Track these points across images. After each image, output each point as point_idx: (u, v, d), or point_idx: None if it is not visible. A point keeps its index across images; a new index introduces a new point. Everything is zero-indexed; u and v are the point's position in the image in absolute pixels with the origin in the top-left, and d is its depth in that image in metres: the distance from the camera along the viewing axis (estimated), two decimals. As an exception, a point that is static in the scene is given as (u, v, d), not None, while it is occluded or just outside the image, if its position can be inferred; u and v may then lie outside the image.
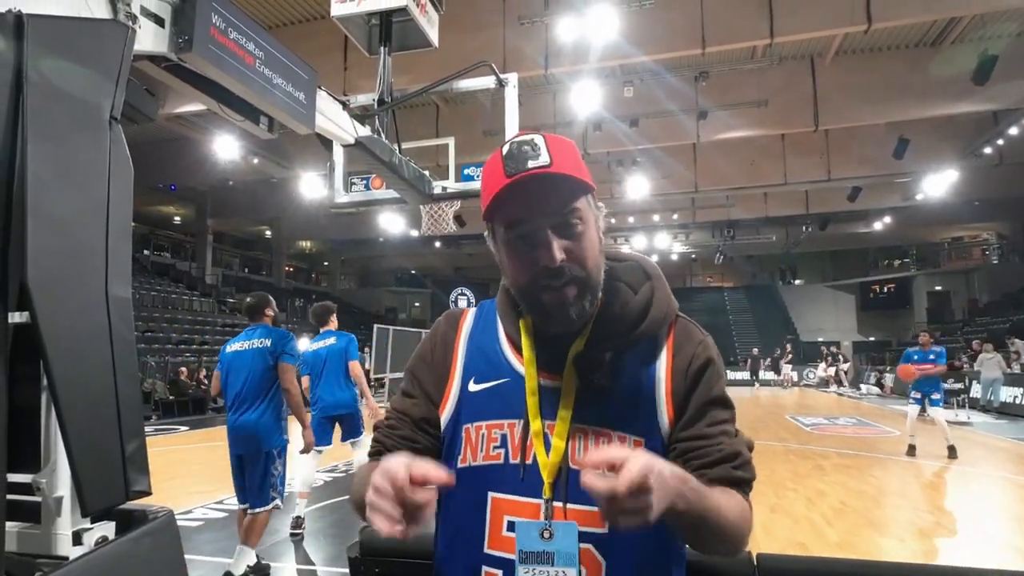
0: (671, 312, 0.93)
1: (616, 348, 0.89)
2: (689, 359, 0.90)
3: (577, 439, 0.86)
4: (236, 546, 3.82)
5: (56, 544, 1.70)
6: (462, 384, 0.96)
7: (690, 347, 0.91)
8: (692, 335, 0.93)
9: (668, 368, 0.89)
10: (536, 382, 0.89)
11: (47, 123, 1.73)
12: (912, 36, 11.83)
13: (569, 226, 0.84)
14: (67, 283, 1.72)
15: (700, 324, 0.98)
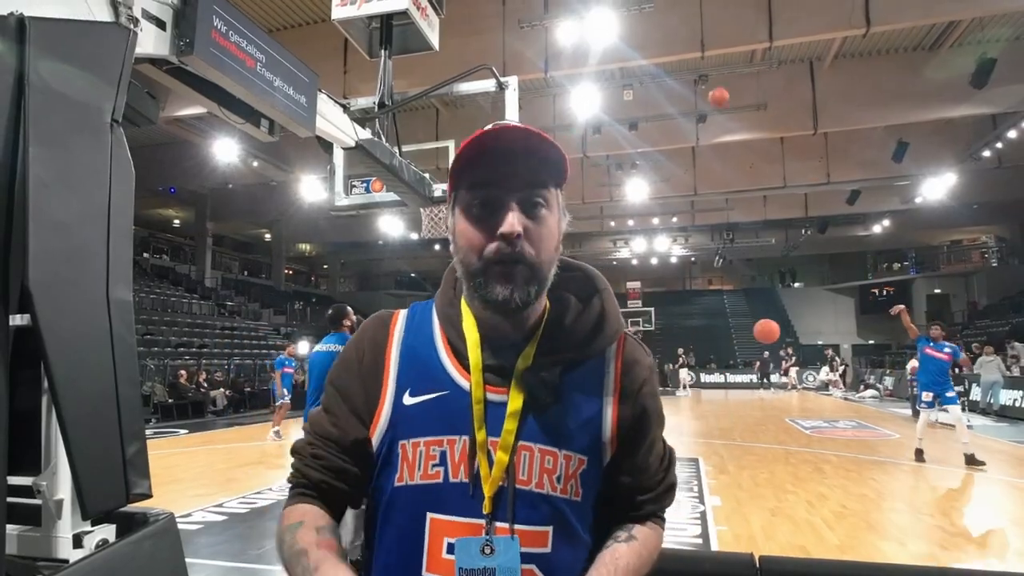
0: (620, 329, 0.92)
1: (565, 363, 0.86)
2: (639, 382, 0.89)
3: (522, 456, 0.82)
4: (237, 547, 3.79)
5: (56, 547, 1.70)
6: (395, 396, 0.87)
7: (639, 369, 0.90)
8: (640, 356, 0.92)
9: (616, 389, 0.88)
10: (482, 391, 0.84)
11: (49, 126, 1.73)
12: (911, 40, 11.86)
13: (533, 205, 0.81)
14: (68, 286, 1.72)
15: (700, 327, 0.99)
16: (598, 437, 0.85)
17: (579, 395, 0.86)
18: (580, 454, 0.84)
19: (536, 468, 0.82)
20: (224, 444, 10.25)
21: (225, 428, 12.63)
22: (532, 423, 0.83)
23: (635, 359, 0.91)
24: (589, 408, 0.86)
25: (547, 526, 0.81)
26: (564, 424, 0.84)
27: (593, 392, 0.87)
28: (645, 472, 0.90)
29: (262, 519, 5.22)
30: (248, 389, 16.78)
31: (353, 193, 4.78)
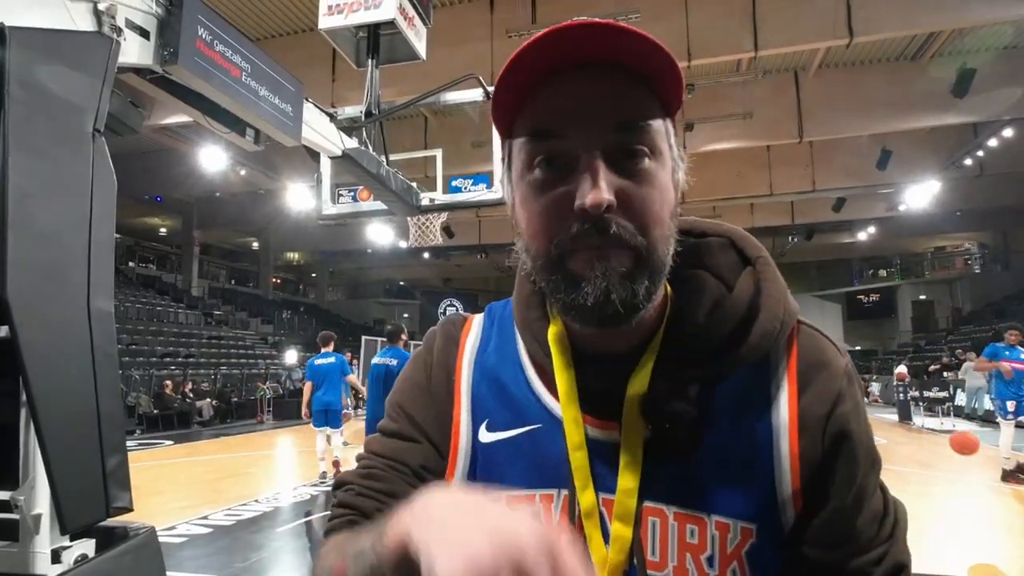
0: (789, 319, 0.58)
1: (703, 380, 0.56)
2: (829, 399, 0.55)
3: (649, 524, 0.55)
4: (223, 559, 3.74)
5: (34, 563, 1.67)
6: (471, 431, 0.63)
7: (827, 378, 0.56)
8: (828, 356, 0.58)
9: (793, 413, 0.55)
10: (583, 431, 0.57)
11: (29, 135, 1.72)
12: (893, 50, 12.05)
13: (631, 155, 0.51)
14: (48, 297, 1.70)
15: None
16: (770, 492, 0.54)
17: (731, 429, 0.55)
18: (743, 521, 0.54)
19: (673, 544, 0.55)
20: (210, 455, 10.13)
21: (211, 439, 12.50)
22: (662, 476, 0.55)
23: (819, 361, 0.57)
24: (750, 448, 0.55)
25: None
26: (712, 476, 0.55)
27: (754, 422, 0.55)
28: (852, 542, 0.55)
29: (247, 531, 5.17)
30: (235, 399, 16.62)
31: (340, 202, 4.77)
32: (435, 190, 4.80)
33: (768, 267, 0.60)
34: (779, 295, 0.58)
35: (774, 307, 0.57)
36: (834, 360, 0.58)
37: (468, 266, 30.02)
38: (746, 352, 0.56)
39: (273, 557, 4.54)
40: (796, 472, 0.54)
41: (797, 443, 0.54)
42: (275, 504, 6.20)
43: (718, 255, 0.62)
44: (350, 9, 3.98)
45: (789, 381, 0.56)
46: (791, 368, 0.57)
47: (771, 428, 0.55)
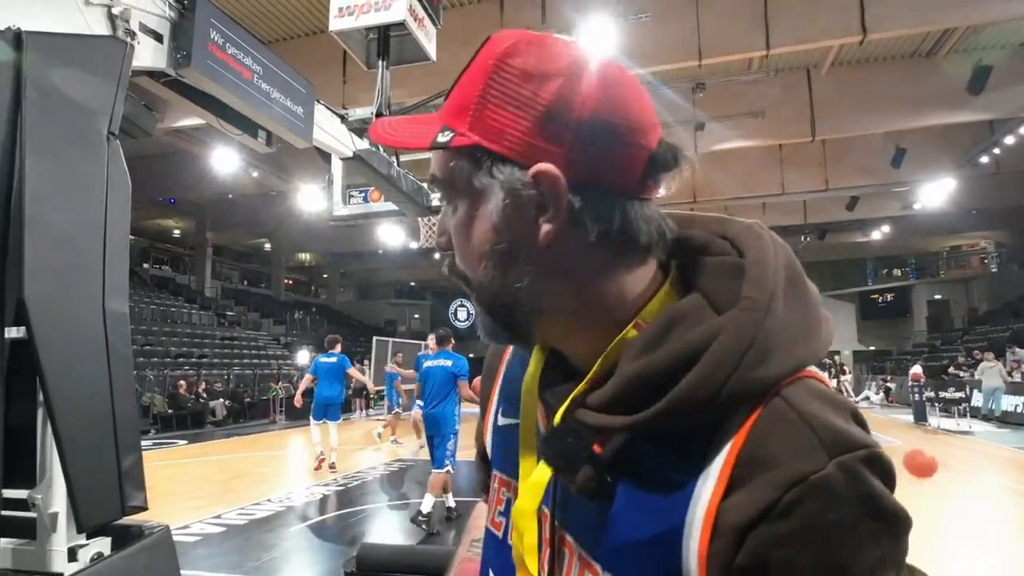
0: (752, 383, 0.45)
1: (624, 432, 0.48)
2: (755, 512, 0.43)
3: (564, 554, 0.53)
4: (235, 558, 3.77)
5: (51, 560, 1.69)
6: (495, 414, 0.68)
7: (764, 483, 0.43)
8: (777, 453, 0.43)
9: (711, 509, 0.44)
10: (535, 430, 0.57)
11: (45, 138, 1.74)
12: (907, 47, 11.93)
13: (448, 199, 0.54)
14: (64, 298, 1.72)
15: None
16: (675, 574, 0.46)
17: (646, 488, 0.48)
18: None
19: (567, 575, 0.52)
20: (223, 455, 10.22)
21: (224, 439, 12.60)
22: (577, 509, 0.52)
23: (765, 456, 0.44)
24: (658, 520, 0.47)
25: None
26: (616, 534, 0.49)
27: (671, 491, 0.47)
28: None
29: (260, 530, 5.20)
30: (248, 399, 16.75)
31: (351, 203, 4.79)
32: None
33: (751, 312, 0.47)
34: (736, 356, 0.45)
35: (716, 371, 0.45)
36: (790, 462, 0.42)
37: (479, 267, 29.98)
38: (654, 417, 0.46)
39: (286, 556, 4.56)
40: (702, 569, 0.44)
41: (707, 545, 0.44)
42: (287, 504, 6.24)
43: (723, 278, 0.51)
44: (360, 11, 4.00)
45: (723, 468, 0.44)
46: (732, 451, 0.44)
47: (686, 513, 0.45)
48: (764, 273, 0.49)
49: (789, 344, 0.47)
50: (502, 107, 0.48)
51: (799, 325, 0.48)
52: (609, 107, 0.48)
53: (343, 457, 8.97)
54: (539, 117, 0.47)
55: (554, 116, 0.47)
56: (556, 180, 0.47)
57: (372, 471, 8.15)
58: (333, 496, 6.66)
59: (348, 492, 6.87)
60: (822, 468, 0.42)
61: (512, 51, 0.49)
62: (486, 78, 0.49)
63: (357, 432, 13.77)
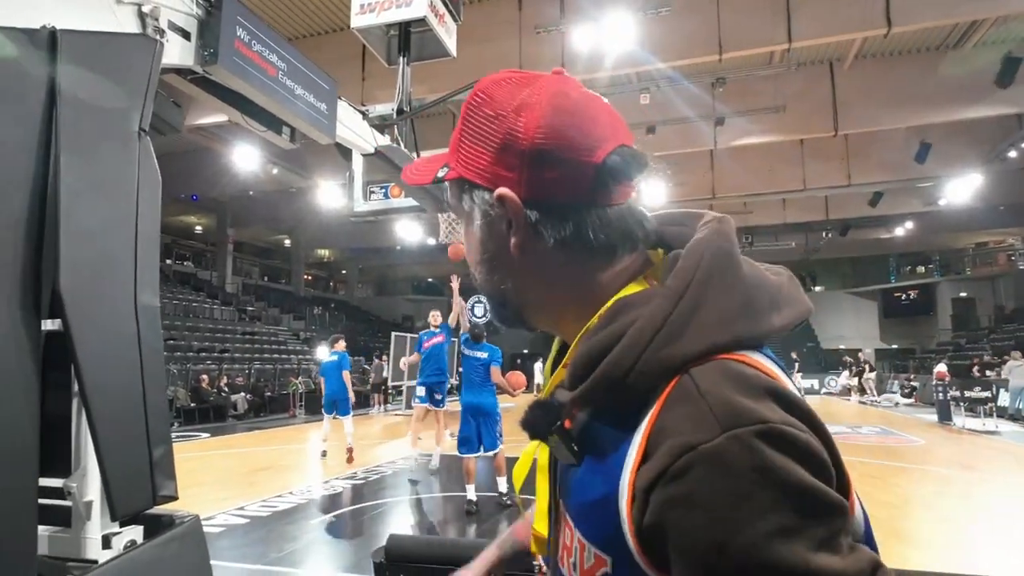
0: (661, 362, 0.50)
1: (591, 401, 0.55)
2: (652, 476, 0.47)
3: (559, 515, 0.62)
4: (259, 549, 3.82)
5: (86, 547, 1.73)
6: None
7: (664, 452, 0.47)
8: (675, 426, 0.48)
9: (631, 476, 0.49)
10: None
11: (79, 135, 1.77)
12: (933, 39, 11.70)
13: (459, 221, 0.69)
14: (97, 292, 1.76)
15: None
16: (617, 533, 0.50)
17: (598, 457, 0.54)
18: (596, 547, 0.53)
19: (562, 539, 0.61)
20: (244, 448, 10.36)
21: (246, 432, 12.77)
22: (564, 477, 0.60)
23: (666, 428, 0.48)
24: (604, 483, 0.52)
25: None
26: (580, 496, 0.56)
27: (613, 460, 0.52)
28: None
29: (282, 522, 5.27)
30: (268, 394, 16.95)
31: (372, 199, 4.82)
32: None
33: (667, 297, 0.52)
34: (647, 336, 0.51)
35: (629, 350, 0.51)
36: (685, 433, 0.46)
37: (496, 263, 30.01)
38: (587, 393, 0.53)
39: (308, 548, 4.62)
40: (632, 534, 0.49)
41: (629, 507, 0.49)
42: (309, 497, 6.31)
43: (667, 273, 0.57)
44: (382, 8, 4.02)
45: (641, 439, 0.49)
46: (649, 424, 0.49)
47: (619, 479, 0.50)
48: (686, 264, 0.55)
49: (702, 327, 0.51)
50: (473, 143, 0.60)
51: (717, 311, 0.52)
52: (548, 135, 0.57)
53: (362, 451, 9.05)
54: (497, 149, 0.59)
55: (507, 147, 0.58)
56: (512, 200, 0.58)
57: (391, 465, 8.22)
58: (353, 490, 6.72)
59: (368, 486, 6.93)
60: (713, 439, 0.45)
61: (481, 94, 0.61)
62: (463, 119, 0.62)
63: (375, 427, 13.88)
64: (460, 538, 3.94)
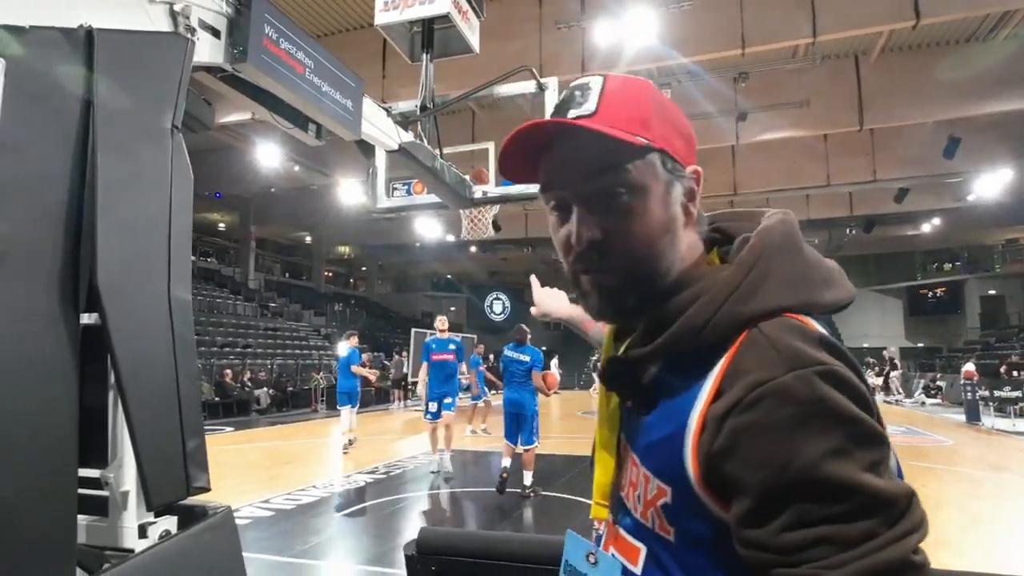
0: (726, 321, 0.61)
1: (665, 355, 0.66)
2: (727, 406, 0.57)
3: (624, 459, 0.72)
4: (285, 542, 3.88)
5: (123, 537, 1.76)
6: None
7: (740, 387, 0.57)
8: (751, 367, 0.58)
9: (703, 411, 0.60)
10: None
11: (114, 132, 1.80)
12: (962, 31, 11.44)
13: (611, 198, 0.66)
14: (133, 286, 1.79)
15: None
16: (681, 471, 0.60)
17: (667, 401, 0.64)
18: (659, 479, 0.63)
19: (628, 478, 0.70)
20: (268, 442, 10.49)
21: (268, 426, 12.93)
22: (631, 423, 0.71)
23: (741, 369, 0.58)
24: (671, 422, 0.62)
25: (640, 543, 0.67)
26: (647, 437, 0.66)
27: (680, 406, 0.62)
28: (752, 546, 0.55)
29: (308, 515, 5.34)
30: (290, 388, 17.15)
31: (394, 195, 4.84)
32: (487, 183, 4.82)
33: (739, 266, 0.64)
34: (722, 296, 0.62)
35: (707, 307, 0.62)
36: (755, 371, 0.57)
37: (514, 260, 30.04)
38: (668, 343, 0.64)
39: (332, 541, 4.67)
40: (695, 463, 0.59)
41: (697, 438, 0.59)
42: (332, 490, 6.38)
43: (735, 254, 0.69)
44: (405, 4, 4.03)
45: (714, 381, 0.60)
46: (722, 368, 0.60)
47: (688, 417, 0.61)
48: (757, 243, 0.66)
49: (769, 291, 0.62)
50: (663, 124, 0.68)
51: (783, 279, 0.63)
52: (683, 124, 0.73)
53: (383, 446, 9.13)
54: (681, 135, 0.70)
55: (686, 135, 0.72)
56: (700, 175, 0.71)
57: (412, 460, 8.27)
58: (375, 484, 6.78)
59: (390, 480, 6.99)
60: (780, 376, 0.55)
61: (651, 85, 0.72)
62: (652, 100, 0.69)
63: (396, 422, 13.98)
64: (493, 531, 3.96)
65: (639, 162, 0.66)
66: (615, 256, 0.66)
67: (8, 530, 1.43)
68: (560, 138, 0.67)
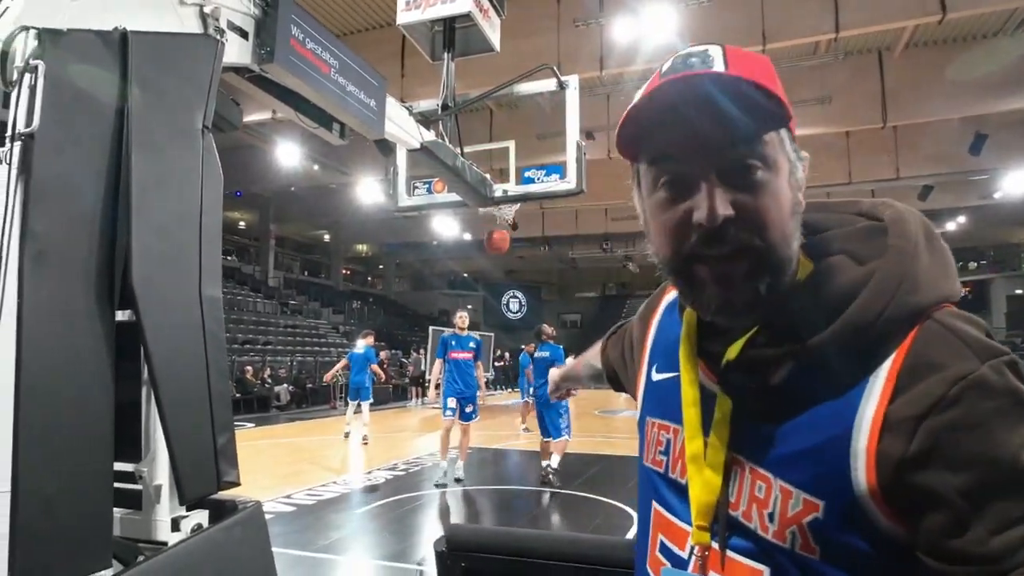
0: (900, 311, 0.57)
1: (794, 356, 0.59)
2: (926, 405, 0.52)
3: (733, 472, 0.63)
4: (307, 536, 3.93)
5: (156, 530, 1.80)
6: (648, 370, 0.81)
7: (932, 383, 0.53)
8: (942, 360, 0.54)
9: (880, 411, 0.54)
10: (696, 387, 0.68)
11: (148, 132, 1.83)
12: (989, 25, 11.22)
13: (746, 171, 0.58)
14: (166, 283, 1.82)
15: None
16: (843, 480, 0.55)
17: (812, 405, 0.58)
18: (806, 493, 0.56)
19: (746, 494, 0.61)
20: (289, 438, 10.60)
21: (288, 423, 13.07)
22: (747, 433, 0.62)
23: (929, 363, 0.54)
24: (824, 428, 0.56)
25: (762, 565, 0.60)
26: (786, 445, 0.59)
27: (838, 408, 0.56)
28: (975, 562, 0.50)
29: (329, 510, 5.39)
30: (310, 385, 17.31)
31: (415, 194, 4.87)
32: (504, 181, 4.84)
33: (900, 255, 0.59)
34: (892, 286, 0.57)
35: (877, 298, 0.57)
36: (952, 364, 0.53)
37: (530, 258, 30.04)
38: (828, 340, 0.57)
39: (354, 536, 4.72)
40: (872, 469, 0.54)
41: (876, 441, 0.54)
42: (352, 487, 6.44)
43: (866, 240, 0.64)
44: (427, 4, 4.05)
45: (888, 377, 0.55)
46: (895, 364, 0.55)
47: (854, 418, 0.55)
48: (906, 229, 0.62)
49: (932, 280, 0.59)
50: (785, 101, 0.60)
51: (939, 268, 0.60)
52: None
53: (401, 443, 9.19)
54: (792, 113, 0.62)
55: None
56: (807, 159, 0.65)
57: (431, 457, 8.31)
58: (395, 480, 6.83)
59: (409, 477, 7.03)
60: (978, 369, 0.52)
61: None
62: (775, 74, 0.62)
63: (413, 419, 14.05)
64: (524, 529, 3.98)
65: (774, 135, 0.60)
66: (750, 236, 0.58)
67: (48, 522, 1.47)
68: (692, 101, 0.57)
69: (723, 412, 0.64)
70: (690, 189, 0.59)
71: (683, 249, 0.60)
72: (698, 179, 0.58)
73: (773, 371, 0.61)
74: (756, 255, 0.58)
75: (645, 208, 0.66)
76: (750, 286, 0.59)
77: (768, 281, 0.59)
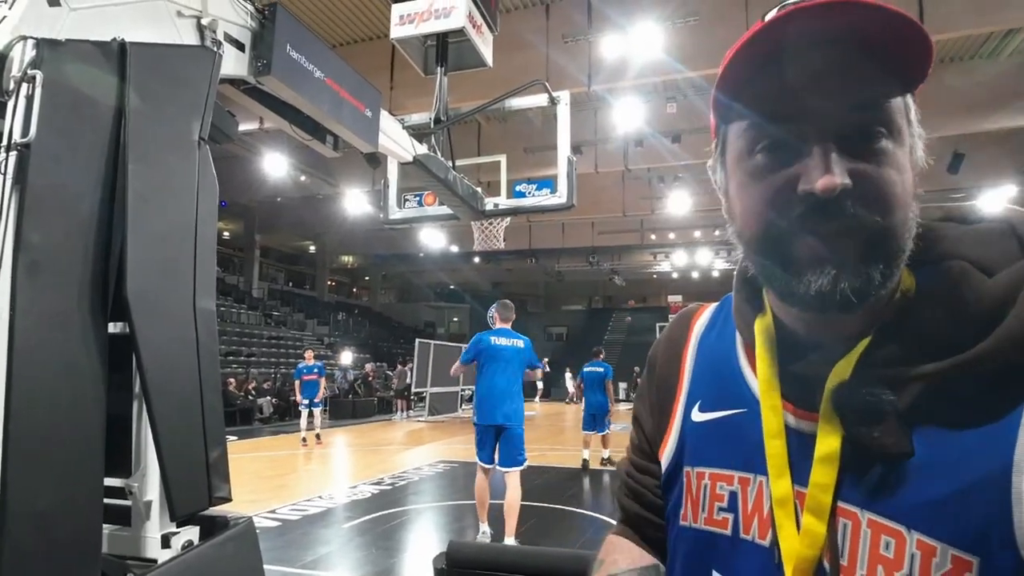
0: None
1: (926, 380, 0.49)
2: None
3: (842, 526, 0.50)
4: (293, 552, 3.87)
5: (146, 547, 1.76)
6: (685, 409, 0.66)
7: None
8: None
9: None
10: (781, 419, 0.55)
11: (145, 144, 1.82)
12: (967, 48, 11.52)
13: (869, 136, 0.49)
14: (160, 295, 1.80)
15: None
16: (1004, 527, 0.44)
17: (957, 441, 0.47)
18: (957, 549, 0.45)
19: (864, 551, 0.49)
20: (272, 451, 10.47)
21: (271, 436, 12.91)
22: (862, 476, 0.50)
23: None
24: (978, 464, 0.46)
25: None
26: (921, 488, 0.47)
27: (992, 440, 0.46)
28: None
29: (315, 525, 5.31)
30: (293, 398, 17.10)
31: (406, 207, 4.88)
32: (492, 195, 4.86)
33: None
34: None
35: None
36: None
37: (518, 271, 30.13)
38: (981, 356, 0.47)
39: (341, 552, 4.65)
40: None
41: None
42: (337, 501, 6.36)
43: (990, 244, 0.53)
44: (421, 19, 4.07)
45: None
46: None
47: (1013, 451, 0.45)
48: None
49: None
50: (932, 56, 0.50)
51: None
52: None
53: (387, 457, 9.09)
54: None
55: None
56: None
57: (417, 472, 8.24)
58: (380, 495, 6.75)
59: (395, 491, 6.96)
60: None
61: None
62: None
63: (399, 433, 13.94)
64: (524, 546, 3.94)
65: (899, 100, 0.51)
66: (868, 213, 0.49)
67: (36, 537, 1.43)
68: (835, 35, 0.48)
69: (828, 447, 0.51)
70: (798, 153, 0.50)
71: (783, 222, 0.51)
72: (812, 142, 0.49)
73: (903, 395, 0.49)
74: (872, 235, 0.49)
75: (730, 179, 0.57)
76: (863, 271, 0.49)
77: (881, 269, 0.49)
